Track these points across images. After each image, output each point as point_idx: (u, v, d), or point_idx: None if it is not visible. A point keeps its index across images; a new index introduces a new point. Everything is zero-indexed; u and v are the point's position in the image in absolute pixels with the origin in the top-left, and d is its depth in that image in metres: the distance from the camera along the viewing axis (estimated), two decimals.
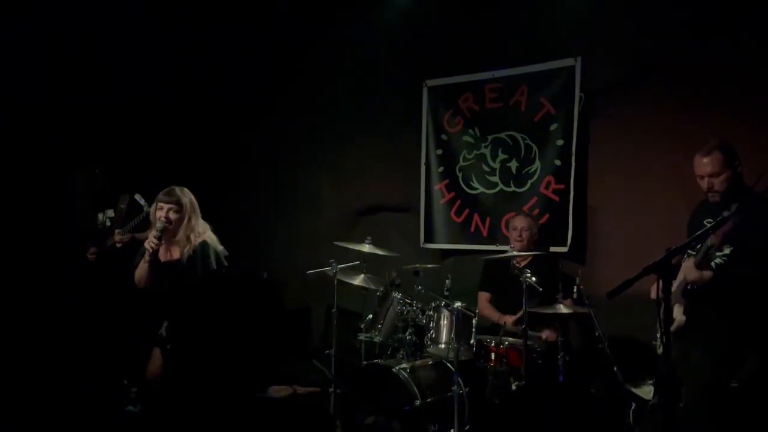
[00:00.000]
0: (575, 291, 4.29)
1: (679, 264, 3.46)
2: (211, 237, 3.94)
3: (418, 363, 4.35)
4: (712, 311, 3.32)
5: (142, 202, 4.83)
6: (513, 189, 5.31)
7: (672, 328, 3.38)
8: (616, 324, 4.36)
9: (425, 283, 4.60)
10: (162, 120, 6.18)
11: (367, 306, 4.75)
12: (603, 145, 4.99)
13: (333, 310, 4.58)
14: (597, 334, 4.10)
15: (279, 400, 5.04)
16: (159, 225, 3.81)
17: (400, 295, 4.48)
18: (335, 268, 4.54)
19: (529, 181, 5.22)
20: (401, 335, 4.41)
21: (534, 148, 5.20)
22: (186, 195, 3.95)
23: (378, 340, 4.50)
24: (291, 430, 4.50)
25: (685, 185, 3.77)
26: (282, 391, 5.19)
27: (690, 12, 4.55)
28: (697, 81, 4.57)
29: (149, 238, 3.83)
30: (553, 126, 5.09)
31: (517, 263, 4.62)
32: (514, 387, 4.19)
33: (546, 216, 5.08)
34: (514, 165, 5.30)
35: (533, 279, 4.14)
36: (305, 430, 4.50)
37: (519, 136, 5.28)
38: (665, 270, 2.57)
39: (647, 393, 4.04)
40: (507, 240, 4.89)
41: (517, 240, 4.70)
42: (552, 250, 4.92)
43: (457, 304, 4.23)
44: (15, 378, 4.77)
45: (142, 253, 3.90)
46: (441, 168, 5.65)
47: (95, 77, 5.78)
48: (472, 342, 4.25)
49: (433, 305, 4.36)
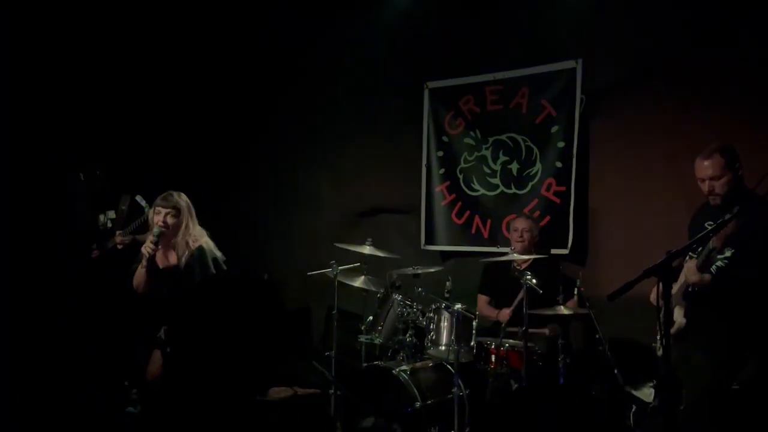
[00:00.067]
0: (576, 293, 4.30)
1: (680, 266, 3.45)
2: (208, 242, 3.94)
3: (418, 365, 4.34)
4: (712, 313, 3.31)
5: (143, 203, 4.84)
6: (514, 191, 5.31)
7: (672, 330, 3.38)
8: (616, 326, 4.36)
9: (426, 285, 4.59)
10: (162, 121, 6.19)
11: (368, 308, 4.74)
12: (604, 147, 4.98)
13: (333, 311, 4.58)
14: (597, 336, 4.10)
15: (279, 402, 5.04)
16: (156, 230, 3.81)
17: (400, 297, 4.47)
18: (336, 269, 4.54)
19: (530, 183, 5.22)
20: (401, 337, 4.40)
21: (535, 150, 5.20)
22: (183, 200, 3.95)
23: (378, 341, 4.49)
24: None
25: (686, 186, 3.77)
26: (282, 393, 5.19)
27: (690, 13, 4.54)
28: (698, 82, 4.57)
29: (146, 243, 3.83)
30: (554, 128, 5.09)
31: (518, 265, 4.62)
32: (514, 389, 4.19)
33: (547, 218, 5.08)
34: (515, 167, 5.30)
35: (533, 281, 4.14)
36: None
37: (520, 138, 5.28)
38: (665, 273, 2.57)
39: (648, 395, 4.03)
40: (508, 242, 4.88)
41: (518, 241, 4.69)
42: (553, 252, 4.91)
43: (458, 306, 4.23)
44: (15, 378, 4.77)
45: (139, 259, 3.90)
46: (442, 170, 5.64)
47: (95, 77, 5.79)
48: (472, 344, 4.24)
49: (434, 307, 4.35)
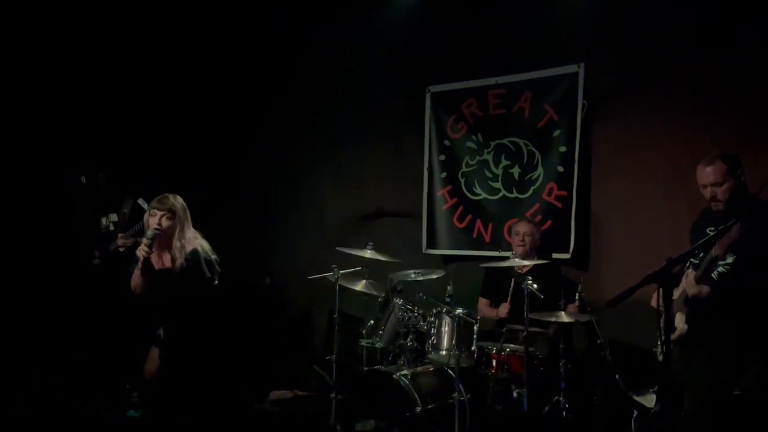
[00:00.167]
0: (577, 298, 4.30)
1: (681, 272, 3.44)
2: (202, 245, 3.96)
3: (419, 369, 4.34)
4: (714, 319, 3.30)
5: (145, 206, 4.84)
6: (515, 195, 5.30)
7: (674, 336, 3.37)
8: (618, 331, 4.35)
9: (427, 290, 4.59)
10: (163, 123, 6.19)
11: (369, 312, 4.73)
12: (606, 152, 4.97)
13: (335, 315, 4.57)
14: (599, 341, 4.09)
15: (279, 407, 5.03)
16: (150, 233, 3.84)
17: (401, 301, 4.47)
18: (337, 273, 4.53)
19: (532, 188, 5.21)
20: (402, 341, 4.41)
21: (537, 154, 5.19)
22: (179, 202, 3.97)
23: (379, 346, 4.49)
24: None
25: (689, 191, 3.76)
26: (283, 396, 5.19)
27: (692, 17, 4.54)
28: (701, 87, 4.56)
29: (141, 245, 3.86)
30: (556, 132, 5.08)
31: (519, 270, 4.61)
32: (515, 394, 4.18)
33: (548, 222, 5.07)
34: (516, 171, 5.29)
35: (534, 286, 4.13)
36: None
37: (522, 142, 5.27)
38: (666, 279, 2.57)
39: (650, 401, 4.01)
40: (509, 246, 4.87)
41: (520, 245, 4.68)
42: (554, 256, 4.90)
43: (459, 310, 4.23)
44: (15, 378, 4.77)
45: (136, 261, 3.93)
46: (444, 174, 5.64)
47: (96, 79, 5.80)
48: (473, 348, 4.24)
49: (435, 312, 4.35)
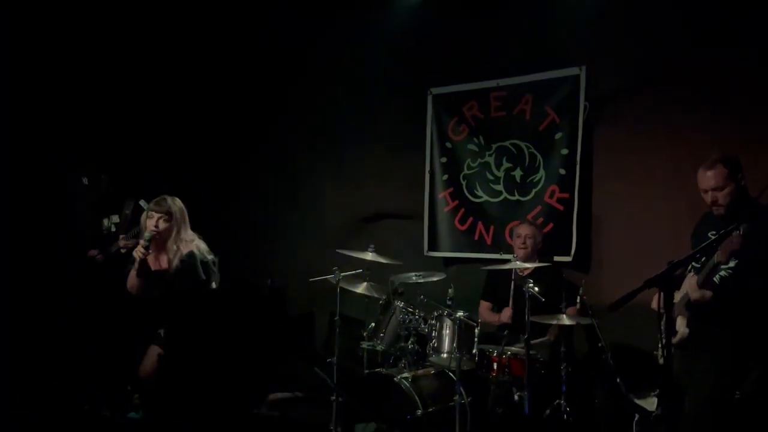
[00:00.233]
0: (579, 301, 4.29)
1: (683, 275, 3.44)
2: (199, 246, 3.97)
3: (420, 372, 4.33)
4: (716, 323, 3.30)
5: (146, 207, 4.85)
6: (517, 198, 5.30)
7: (676, 339, 3.37)
8: (619, 334, 4.34)
9: (428, 292, 4.58)
10: (164, 125, 6.20)
11: (370, 314, 4.73)
12: (608, 154, 4.97)
13: (336, 317, 4.56)
14: (600, 344, 4.08)
15: (279, 408, 5.03)
16: (147, 234, 3.86)
17: (402, 304, 4.47)
18: (338, 275, 4.52)
19: (534, 190, 5.21)
20: (403, 344, 4.40)
21: (538, 156, 5.19)
22: (177, 204, 4.00)
23: (380, 348, 4.48)
24: None
25: (690, 194, 3.75)
26: (284, 397, 5.19)
27: (694, 19, 4.53)
28: (702, 88, 4.55)
29: (138, 246, 3.86)
30: (558, 135, 5.08)
31: (521, 272, 4.60)
32: (516, 397, 4.17)
33: (550, 225, 5.06)
34: (518, 173, 5.29)
35: (536, 289, 4.13)
36: None
37: (523, 144, 5.27)
38: (667, 283, 2.56)
39: (651, 404, 4.00)
40: (511, 248, 4.86)
41: (521, 248, 4.68)
42: (556, 259, 4.90)
43: (460, 313, 4.22)
44: (15, 378, 4.77)
45: (132, 262, 3.94)
46: (445, 176, 5.64)
47: (96, 80, 5.81)
48: (474, 351, 4.23)
49: (436, 314, 4.34)
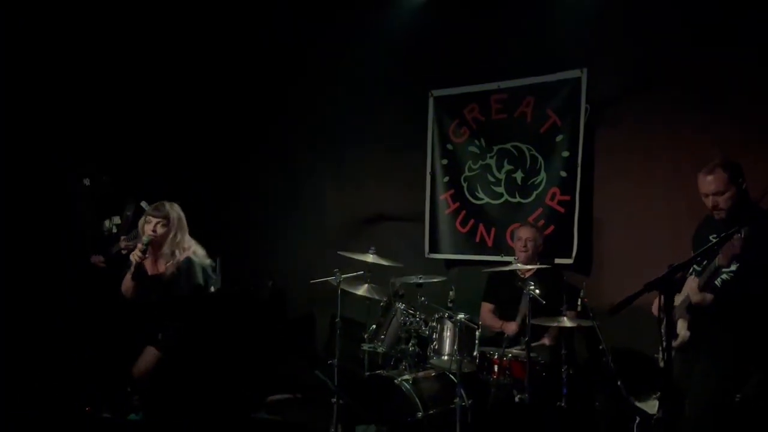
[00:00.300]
0: (579, 303, 4.28)
1: (684, 278, 3.43)
2: (197, 252, 3.99)
3: (420, 374, 4.33)
4: (717, 326, 3.29)
5: (147, 210, 4.86)
6: (518, 200, 5.30)
7: (676, 343, 3.36)
8: (620, 336, 4.34)
9: (429, 294, 4.59)
10: (164, 127, 6.20)
11: (371, 316, 4.73)
12: (609, 156, 4.96)
13: (336, 319, 4.57)
14: (601, 347, 4.08)
15: (279, 410, 5.03)
16: (145, 238, 3.88)
17: (403, 306, 4.46)
18: (339, 277, 4.52)
19: (535, 192, 5.21)
20: (404, 346, 4.39)
21: (539, 159, 5.19)
22: (175, 210, 4.02)
23: (381, 350, 4.47)
24: None
25: (691, 196, 3.74)
26: (284, 399, 5.19)
27: (694, 21, 4.53)
28: (702, 88, 4.55)
29: (135, 250, 3.88)
30: (559, 137, 5.07)
31: (522, 274, 4.61)
32: (517, 400, 4.17)
33: (551, 227, 5.06)
34: (519, 176, 5.29)
35: (537, 291, 4.13)
36: None
37: (524, 147, 5.27)
38: (667, 286, 2.56)
39: (652, 407, 4.00)
40: (512, 251, 4.87)
41: (522, 251, 4.68)
42: (557, 261, 4.90)
43: (461, 315, 4.22)
44: (15, 378, 4.77)
45: (129, 265, 3.95)
46: (446, 178, 5.64)
47: (97, 81, 5.81)
48: (475, 354, 4.23)
49: (437, 316, 4.34)
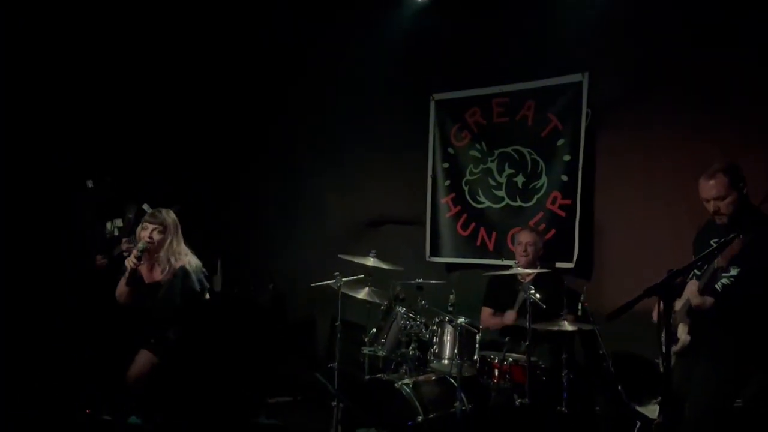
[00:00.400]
0: (580, 307, 4.28)
1: (684, 283, 3.43)
2: (191, 261, 4.01)
3: (421, 378, 4.32)
4: (717, 330, 3.29)
5: (149, 212, 4.87)
6: (519, 204, 5.30)
7: (677, 347, 3.36)
8: (620, 341, 4.33)
9: (429, 298, 4.59)
10: (165, 129, 6.21)
11: (372, 319, 4.73)
12: (610, 160, 4.97)
13: (337, 323, 4.57)
14: (601, 351, 4.07)
15: (280, 413, 5.03)
16: (141, 245, 3.90)
17: (404, 310, 4.46)
18: (339, 281, 4.53)
19: (536, 196, 5.21)
20: (405, 350, 4.38)
21: (541, 163, 5.20)
22: (171, 217, 4.05)
23: (381, 354, 4.47)
24: None
25: (692, 200, 3.74)
26: (284, 402, 5.19)
27: (697, 25, 4.53)
28: (700, 87, 4.55)
29: (130, 256, 3.89)
30: (560, 141, 5.08)
31: (522, 278, 4.60)
32: (517, 404, 4.17)
33: (552, 231, 5.06)
34: (520, 180, 5.29)
35: (537, 296, 4.12)
36: None
37: (526, 150, 5.27)
38: (666, 292, 2.56)
39: (652, 411, 4.00)
40: (513, 254, 4.86)
41: (522, 255, 4.68)
42: (558, 265, 4.90)
43: (461, 319, 4.22)
44: (15, 378, 4.77)
45: (124, 271, 3.97)
46: (447, 181, 5.65)
47: (97, 82, 5.82)
48: (475, 358, 4.22)
49: (437, 320, 4.34)
